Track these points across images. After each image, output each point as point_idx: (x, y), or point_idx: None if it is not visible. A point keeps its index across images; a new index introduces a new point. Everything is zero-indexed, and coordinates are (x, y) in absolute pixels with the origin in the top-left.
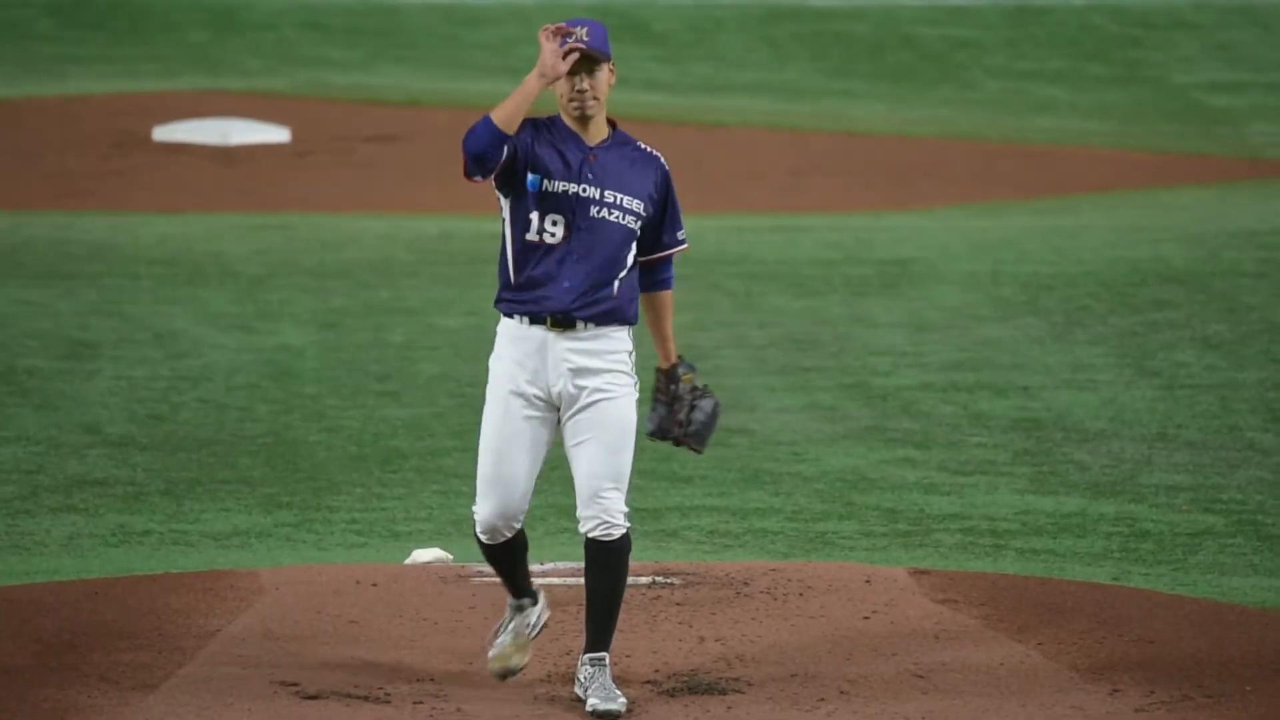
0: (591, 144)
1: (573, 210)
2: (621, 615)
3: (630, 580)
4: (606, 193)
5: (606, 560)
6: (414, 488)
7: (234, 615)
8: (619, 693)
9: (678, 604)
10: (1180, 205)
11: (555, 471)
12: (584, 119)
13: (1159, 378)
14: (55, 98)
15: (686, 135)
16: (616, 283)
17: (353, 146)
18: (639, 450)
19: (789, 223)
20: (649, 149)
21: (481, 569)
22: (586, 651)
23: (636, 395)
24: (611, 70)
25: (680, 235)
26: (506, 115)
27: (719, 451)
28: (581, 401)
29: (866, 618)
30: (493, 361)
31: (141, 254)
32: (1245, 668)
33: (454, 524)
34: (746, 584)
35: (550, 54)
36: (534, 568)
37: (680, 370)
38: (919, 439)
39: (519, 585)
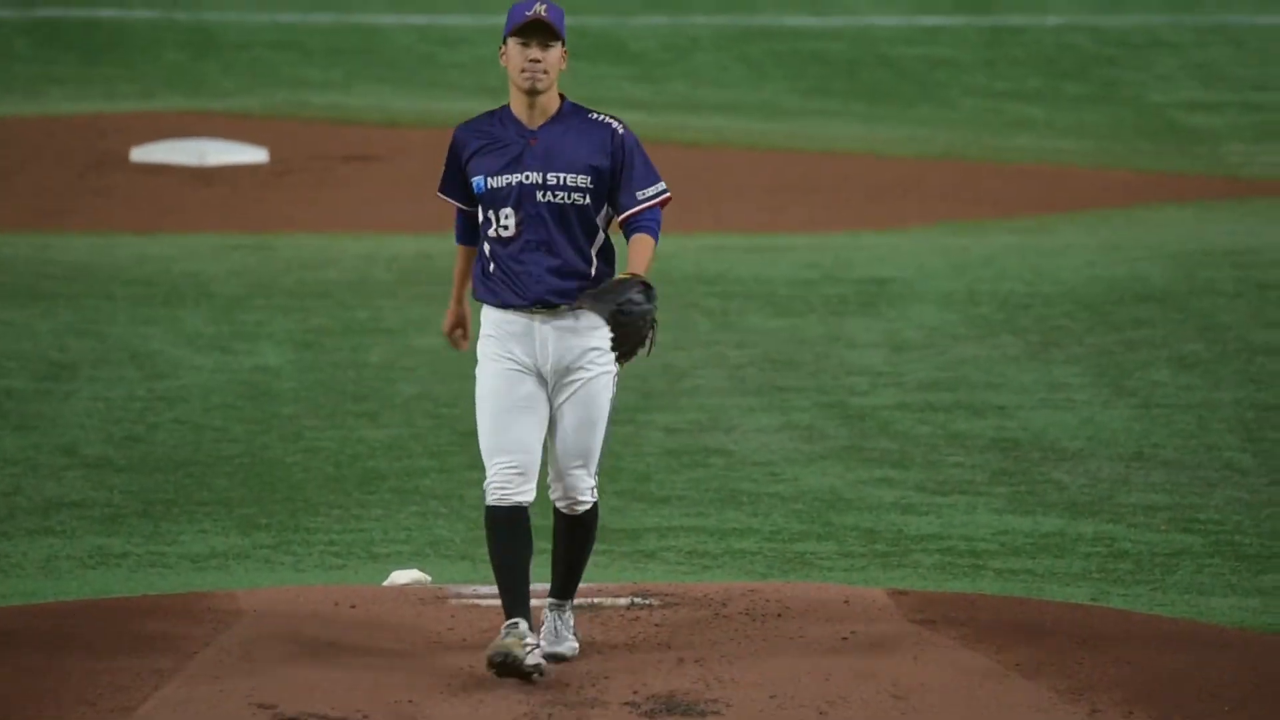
0: (534, 126)
1: (518, 200)
2: (599, 637)
3: (608, 601)
4: (549, 175)
5: (573, 529)
6: (392, 509)
7: (212, 637)
8: (571, 635)
9: (656, 625)
10: (1157, 224)
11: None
12: (533, 93)
13: (1136, 397)
14: (32, 118)
15: (663, 154)
16: (588, 260)
17: (330, 166)
18: (618, 472)
19: (766, 242)
20: (601, 117)
21: (460, 590)
22: (550, 595)
23: (614, 372)
24: (564, 54)
25: (644, 193)
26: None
27: (696, 472)
28: (563, 378)
29: (845, 638)
30: (481, 340)
31: (119, 274)
32: (1224, 688)
33: (432, 545)
34: (725, 604)
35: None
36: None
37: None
38: (897, 459)
39: (520, 595)
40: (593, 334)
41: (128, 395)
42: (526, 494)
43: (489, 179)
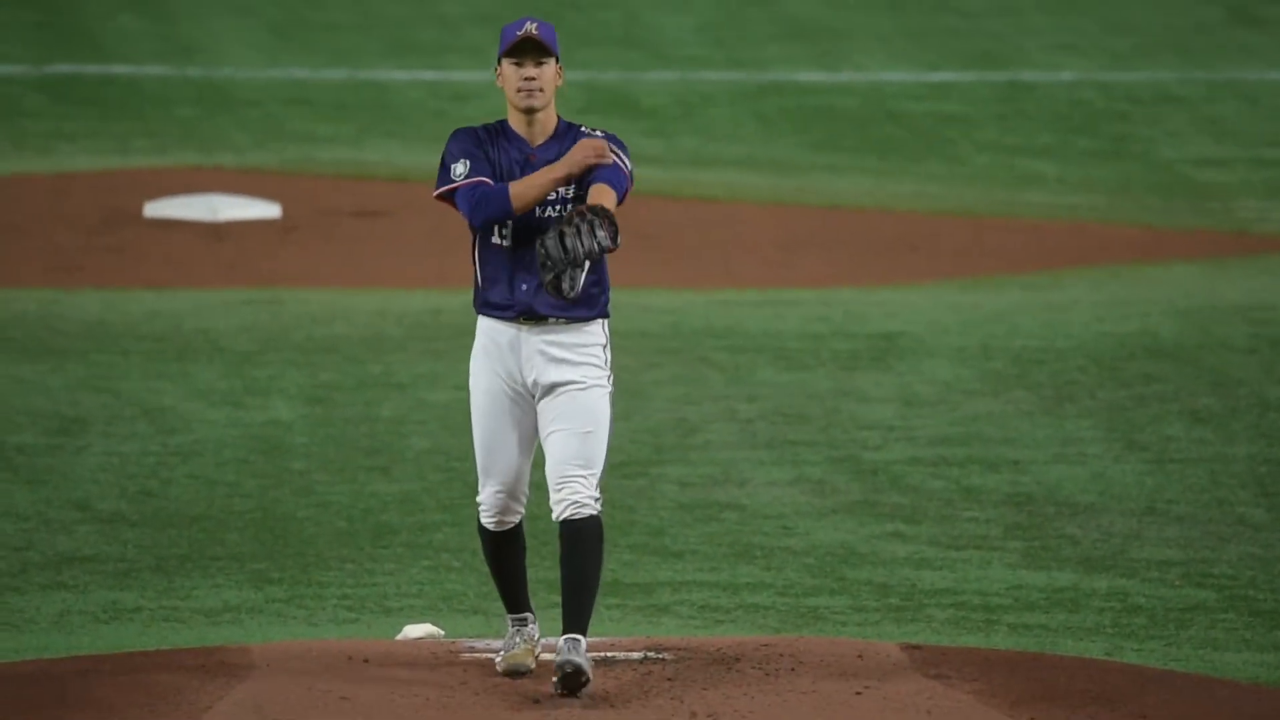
0: (535, 144)
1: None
2: (613, 689)
3: (621, 655)
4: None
5: (577, 541)
6: (404, 563)
7: (225, 691)
8: (586, 661)
9: (669, 679)
10: (1169, 280)
11: (546, 546)
12: (530, 111)
13: (1149, 452)
14: (44, 174)
15: (675, 208)
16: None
17: (341, 222)
18: (631, 525)
19: (777, 297)
20: (595, 131)
21: (473, 644)
22: (564, 633)
23: (610, 388)
24: (559, 71)
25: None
26: (526, 201)
27: (709, 526)
28: (554, 391)
29: (859, 693)
30: (472, 360)
31: (131, 330)
32: None
33: (445, 599)
34: (738, 659)
35: (583, 150)
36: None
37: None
38: (909, 513)
39: (520, 595)
40: (583, 349)
41: (140, 450)
42: (518, 514)
43: None
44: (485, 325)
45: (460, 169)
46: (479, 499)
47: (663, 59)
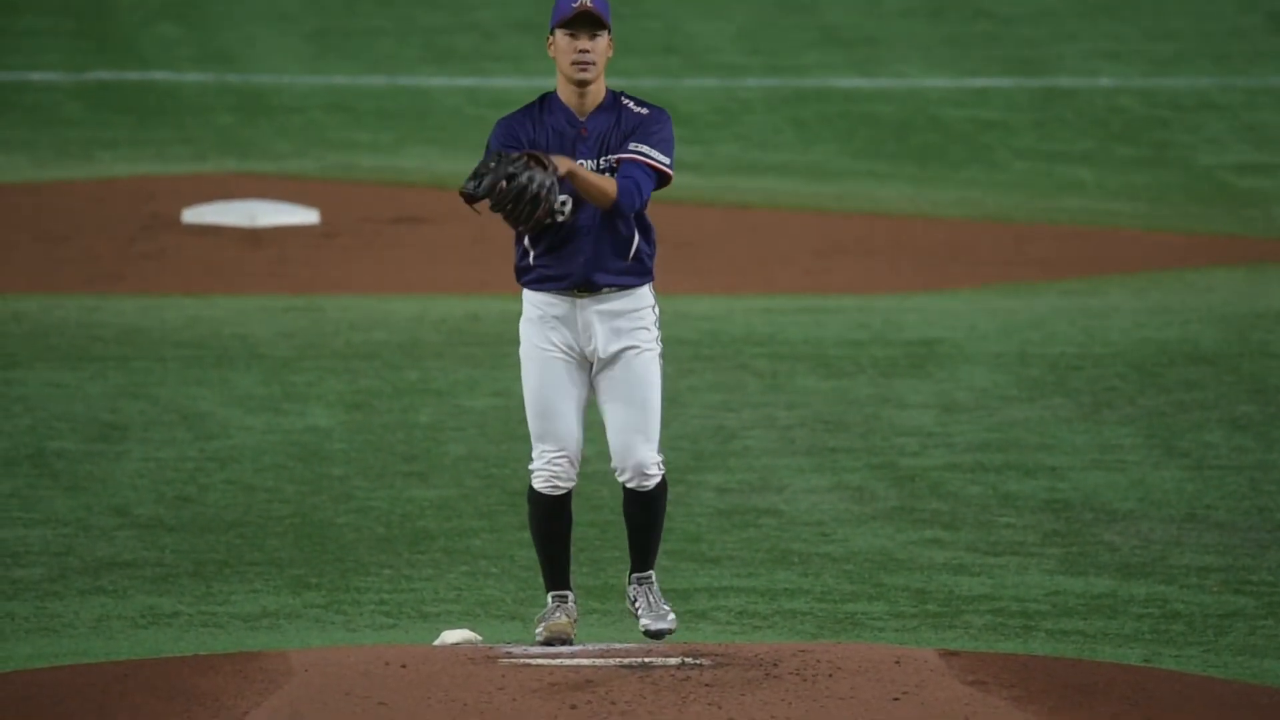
0: (583, 116)
1: (574, 187)
2: (650, 696)
3: (659, 661)
4: (602, 160)
5: (644, 503)
6: (442, 568)
7: (263, 697)
8: (668, 608)
9: (707, 685)
10: (1208, 286)
11: (584, 552)
12: (583, 84)
13: (1188, 458)
14: (84, 181)
15: (714, 216)
16: (631, 242)
17: (380, 228)
18: (669, 532)
19: (816, 304)
20: (631, 103)
21: (511, 649)
22: (632, 572)
23: (660, 349)
24: (610, 43)
25: (640, 146)
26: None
27: (747, 532)
28: (611, 360)
29: (896, 699)
30: (523, 324)
31: (169, 336)
32: None
33: (482, 605)
34: (776, 665)
35: (560, 162)
36: (564, 648)
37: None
38: (947, 520)
39: (564, 570)
40: (635, 314)
41: (179, 456)
42: (572, 480)
43: None
44: (536, 298)
45: None
46: (531, 466)
47: (702, 66)
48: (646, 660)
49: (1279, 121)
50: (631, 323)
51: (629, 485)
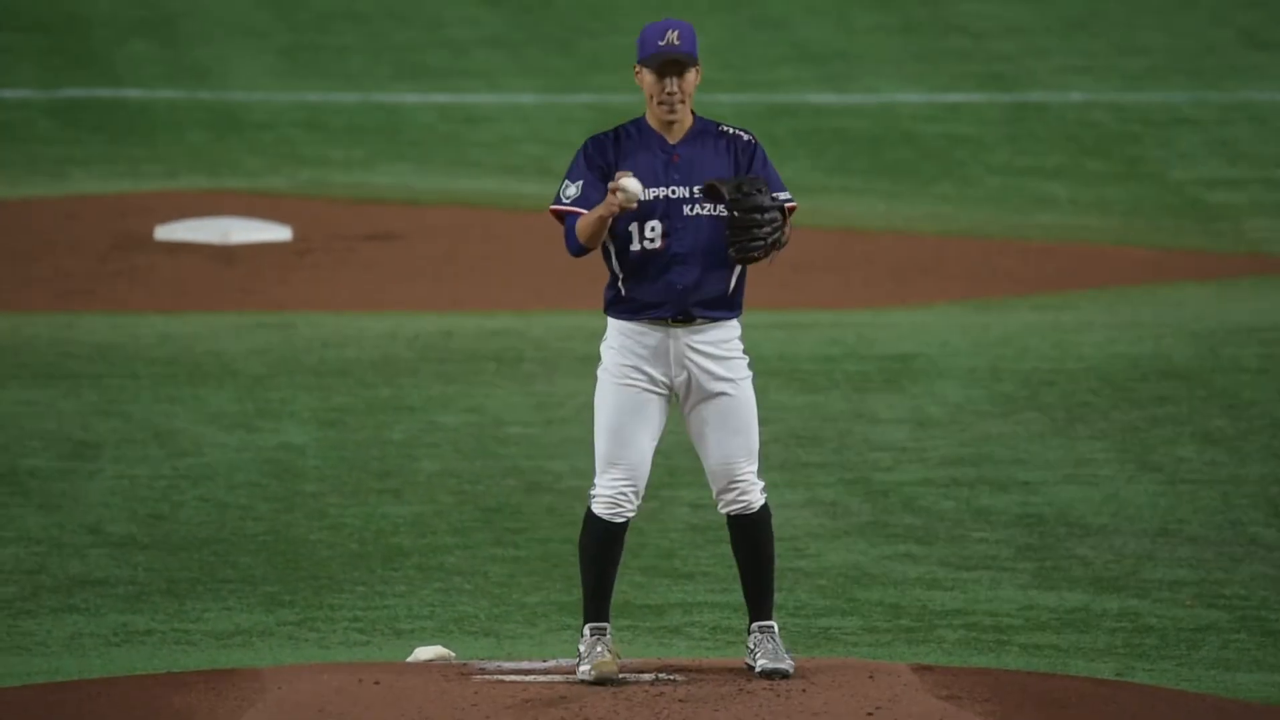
0: (674, 142)
1: (667, 214)
2: (624, 712)
3: (633, 677)
4: (696, 189)
5: (750, 533)
6: (415, 585)
7: (236, 714)
8: (787, 655)
9: (681, 700)
10: (1180, 301)
11: (558, 569)
12: (670, 122)
13: (1160, 473)
14: (55, 198)
15: None
16: (729, 273)
17: (353, 245)
18: (642, 548)
19: (789, 319)
20: (732, 130)
21: (484, 665)
22: (753, 621)
23: (752, 374)
24: (698, 71)
25: (779, 195)
26: (585, 238)
27: (721, 548)
28: (705, 392)
29: (870, 714)
30: (605, 349)
31: (142, 353)
32: None
33: (456, 621)
34: (749, 680)
35: (611, 197)
36: (538, 664)
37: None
38: (921, 534)
39: (607, 602)
40: (728, 344)
41: (152, 474)
42: (634, 510)
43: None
44: (626, 327)
45: (571, 191)
46: (594, 490)
47: None
48: (621, 676)
49: (1251, 136)
50: (723, 351)
51: (733, 511)
